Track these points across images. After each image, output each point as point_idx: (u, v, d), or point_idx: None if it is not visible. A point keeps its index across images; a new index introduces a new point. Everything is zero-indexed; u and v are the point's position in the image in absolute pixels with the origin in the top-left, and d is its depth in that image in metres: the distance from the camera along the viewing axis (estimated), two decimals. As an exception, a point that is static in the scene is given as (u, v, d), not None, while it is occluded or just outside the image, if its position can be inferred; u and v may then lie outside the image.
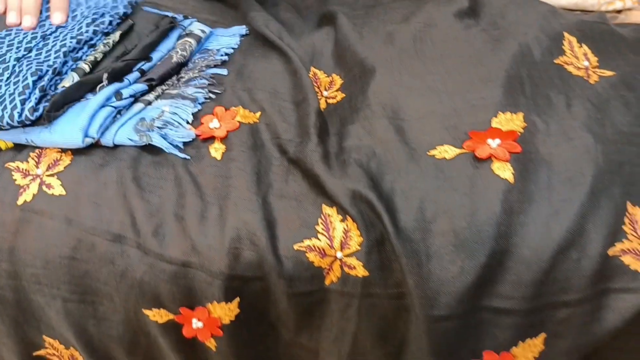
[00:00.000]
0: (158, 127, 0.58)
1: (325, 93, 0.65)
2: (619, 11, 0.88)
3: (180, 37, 0.70)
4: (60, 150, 0.59)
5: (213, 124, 0.60)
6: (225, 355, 0.58)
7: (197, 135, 0.60)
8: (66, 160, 0.58)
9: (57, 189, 0.56)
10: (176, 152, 0.58)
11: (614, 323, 0.51)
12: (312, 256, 0.52)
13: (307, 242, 0.52)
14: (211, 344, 0.57)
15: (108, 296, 0.56)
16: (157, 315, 0.56)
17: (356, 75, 0.65)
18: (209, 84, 0.65)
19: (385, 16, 0.74)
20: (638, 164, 0.54)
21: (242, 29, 0.75)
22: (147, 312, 0.55)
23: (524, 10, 0.70)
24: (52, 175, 0.57)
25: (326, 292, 0.54)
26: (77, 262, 0.55)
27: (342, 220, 0.53)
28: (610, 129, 0.56)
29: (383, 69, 0.63)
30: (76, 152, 0.59)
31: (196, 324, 0.55)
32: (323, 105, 0.63)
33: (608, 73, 0.63)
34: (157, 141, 0.58)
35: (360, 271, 0.52)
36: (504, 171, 0.53)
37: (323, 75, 0.68)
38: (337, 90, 0.66)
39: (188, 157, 0.58)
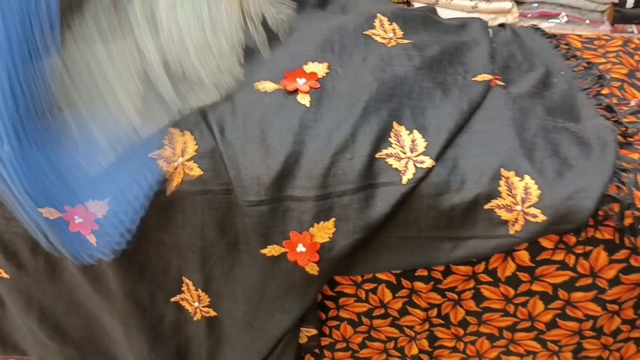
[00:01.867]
0: None
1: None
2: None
3: None
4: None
5: None
6: (105, 249, 0.76)
7: None
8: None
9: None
10: None
11: (382, 208, 0.70)
12: (161, 163, 0.71)
13: (157, 152, 0.71)
14: (92, 239, 0.75)
15: (11, 198, 0.73)
16: (48, 213, 0.73)
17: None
18: None
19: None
20: (405, 97, 0.75)
21: None
22: (41, 209, 0.73)
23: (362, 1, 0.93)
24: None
25: (175, 193, 0.72)
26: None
27: (182, 135, 0.72)
28: (389, 74, 0.76)
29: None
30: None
31: (78, 220, 0.73)
32: None
33: (406, 41, 0.84)
34: None
35: (196, 171, 0.71)
36: (304, 100, 0.72)
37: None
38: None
39: None
